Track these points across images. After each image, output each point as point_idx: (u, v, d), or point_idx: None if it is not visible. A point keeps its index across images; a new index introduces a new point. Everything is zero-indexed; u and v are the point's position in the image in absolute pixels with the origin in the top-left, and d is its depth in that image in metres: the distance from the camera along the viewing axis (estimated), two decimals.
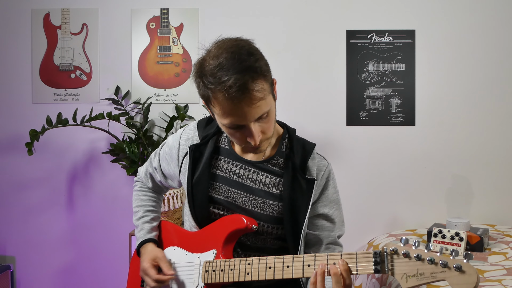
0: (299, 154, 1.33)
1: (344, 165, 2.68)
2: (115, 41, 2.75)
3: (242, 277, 1.20)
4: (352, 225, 2.63)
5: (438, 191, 2.68)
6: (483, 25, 2.65)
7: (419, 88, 2.68)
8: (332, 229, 1.36)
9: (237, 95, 1.10)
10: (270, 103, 1.19)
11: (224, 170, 1.34)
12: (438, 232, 2.12)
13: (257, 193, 1.32)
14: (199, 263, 1.30)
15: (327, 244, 1.36)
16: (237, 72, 1.10)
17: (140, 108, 2.66)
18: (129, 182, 2.74)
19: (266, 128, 1.21)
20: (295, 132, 1.39)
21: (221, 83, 1.10)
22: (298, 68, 2.70)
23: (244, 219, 1.27)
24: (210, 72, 1.13)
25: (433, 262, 0.93)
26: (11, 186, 2.78)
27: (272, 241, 1.34)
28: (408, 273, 0.96)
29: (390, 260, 0.99)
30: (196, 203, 1.34)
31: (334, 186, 1.38)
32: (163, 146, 1.48)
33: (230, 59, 1.12)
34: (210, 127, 1.39)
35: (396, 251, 0.98)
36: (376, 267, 1.00)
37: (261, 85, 1.14)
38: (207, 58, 1.16)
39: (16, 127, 2.75)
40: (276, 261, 1.17)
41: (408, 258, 0.97)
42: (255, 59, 1.14)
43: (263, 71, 1.15)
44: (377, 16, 2.69)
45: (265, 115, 1.18)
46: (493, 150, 2.66)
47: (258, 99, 1.13)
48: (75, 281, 2.78)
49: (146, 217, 1.49)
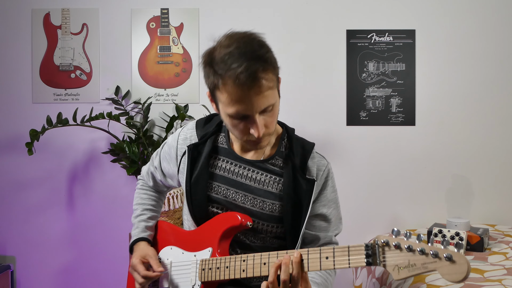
0: (299, 154, 1.33)
1: (344, 165, 2.68)
2: (115, 41, 2.75)
3: (238, 274, 1.19)
4: (352, 225, 2.64)
5: (438, 191, 2.68)
6: (483, 25, 2.65)
7: (419, 88, 2.68)
8: (328, 229, 1.37)
9: (247, 82, 1.11)
10: (276, 97, 1.21)
11: (223, 170, 1.34)
12: (438, 232, 2.12)
13: (257, 192, 1.31)
14: (195, 262, 1.30)
15: (324, 243, 1.37)
16: (247, 60, 1.11)
17: (140, 108, 2.66)
18: (129, 182, 2.74)
19: (270, 122, 1.21)
20: (294, 131, 1.39)
21: (231, 69, 1.11)
22: (298, 68, 2.70)
23: (239, 216, 1.26)
24: (221, 59, 1.14)
25: (424, 253, 0.92)
26: (11, 186, 2.78)
27: (271, 240, 1.34)
28: (399, 265, 0.95)
29: (381, 252, 0.98)
30: (195, 203, 1.34)
31: (332, 185, 1.38)
32: (164, 146, 1.49)
33: (242, 47, 1.13)
34: (209, 126, 1.39)
35: (388, 243, 0.97)
36: (368, 259, 0.99)
37: (270, 75, 1.16)
38: (218, 47, 1.17)
39: (16, 127, 2.75)
40: (270, 257, 1.16)
41: (400, 249, 0.95)
42: (266, 50, 1.17)
43: (272, 62, 1.18)
44: (377, 16, 2.69)
45: (270, 107, 1.18)
46: (493, 150, 2.66)
47: (266, 88, 1.15)
48: (75, 281, 2.78)
49: (143, 216, 1.49)
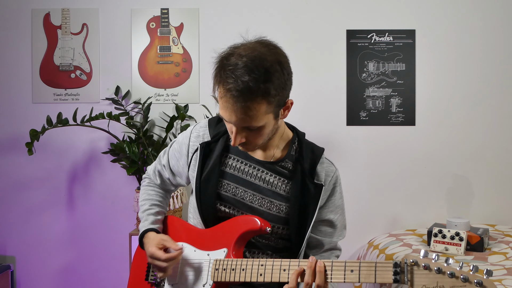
0: (308, 158, 1.35)
1: (344, 165, 2.67)
2: (115, 41, 2.75)
3: (254, 277, 1.20)
4: (352, 225, 2.62)
5: (438, 191, 2.68)
6: (483, 25, 2.65)
7: (419, 88, 2.68)
8: (333, 235, 1.39)
9: (232, 99, 1.16)
10: (266, 120, 1.20)
11: (233, 168, 1.36)
12: (438, 232, 2.12)
13: (265, 192, 1.33)
14: (208, 261, 1.30)
15: (328, 249, 1.39)
16: (242, 82, 1.13)
17: (140, 108, 2.66)
18: (129, 182, 2.74)
19: (252, 138, 1.24)
20: (304, 136, 1.41)
21: (228, 82, 1.15)
22: (298, 68, 2.67)
23: (258, 220, 1.27)
24: (226, 67, 1.17)
25: (453, 276, 0.97)
26: (11, 186, 2.78)
27: (275, 240, 1.36)
28: (427, 285, 1.00)
29: (410, 271, 1.03)
30: (204, 200, 1.35)
31: (340, 191, 1.41)
32: (173, 144, 1.50)
33: (246, 67, 1.14)
34: (221, 125, 1.40)
35: (416, 262, 1.02)
36: (395, 276, 1.03)
37: (258, 106, 1.16)
38: (233, 53, 1.19)
39: (16, 127, 2.75)
40: (291, 264, 1.16)
41: (429, 270, 1.00)
42: (267, 79, 1.15)
43: (268, 95, 1.16)
44: (377, 16, 2.69)
45: (254, 128, 1.20)
46: (493, 150, 2.66)
47: (254, 113, 1.17)
48: (75, 281, 2.78)
49: (152, 210, 1.49)
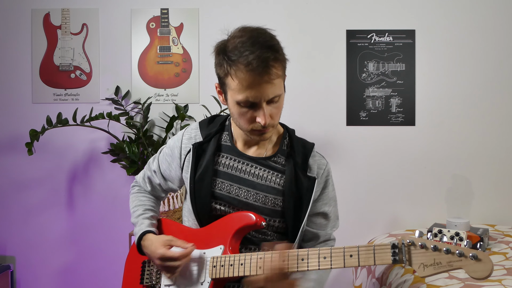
0: (300, 152, 1.37)
1: (344, 165, 2.68)
2: (115, 41, 2.75)
3: (254, 271, 1.20)
4: (352, 225, 2.65)
5: (438, 191, 2.68)
6: (483, 25, 2.65)
7: (419, 88, 2.68)
8: (327, 226, 1.42)
9: (258, 68, 1.17)
10: (282, 88, 1.27)
11: (226, 166, 1.37)
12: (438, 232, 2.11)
13: (259, 187, 1.34)
14: (205, 259, 1.31)
15: (323, 240, 1.42)
16: (260, 48, 1.18)
17: (140, 108, 2.66)
18: (129, 182, 2.73)
19: (275, 113, 1.26)
20: (294, 132, 1.44)
21: (244, 55, 1.18)
22: (298, 68, 2.70)
23: (253, 215, 1.28)
24: (234, 47, 1.20)
25: (449, 252, 1.01)
26: (11, 186, 2.78)
27: (272, 234, 1.37)
28: (425, 263, 1.03)
29: (407, 251, 1.06)
30: (198, 200, 1.36)
31: (332, 184, 1.44)
32: (163, 149, 1.51)
33: (255, 37, 1.20)
34: (212, 126, 1.42)
35: (413, 242, 1.05)
36: (394, 257, 1.06)
37: (280, 66, 1.23)
38: (230, 39, 1.23)
39: (16, 127, 2.75)
40: (290, 254, 1.17)
41: (425, 249, 1.04)
42: (277, 42, 1.25)
43: (282, 54, 1.25)
44: (377, 16, 2.68)
45: (276, 98, 1.24)
46: (493, 150, 2.66)
47: (276, 77, 1.21)
48: (75, 281, 2.78)
49: (146, 214, 1.49)
